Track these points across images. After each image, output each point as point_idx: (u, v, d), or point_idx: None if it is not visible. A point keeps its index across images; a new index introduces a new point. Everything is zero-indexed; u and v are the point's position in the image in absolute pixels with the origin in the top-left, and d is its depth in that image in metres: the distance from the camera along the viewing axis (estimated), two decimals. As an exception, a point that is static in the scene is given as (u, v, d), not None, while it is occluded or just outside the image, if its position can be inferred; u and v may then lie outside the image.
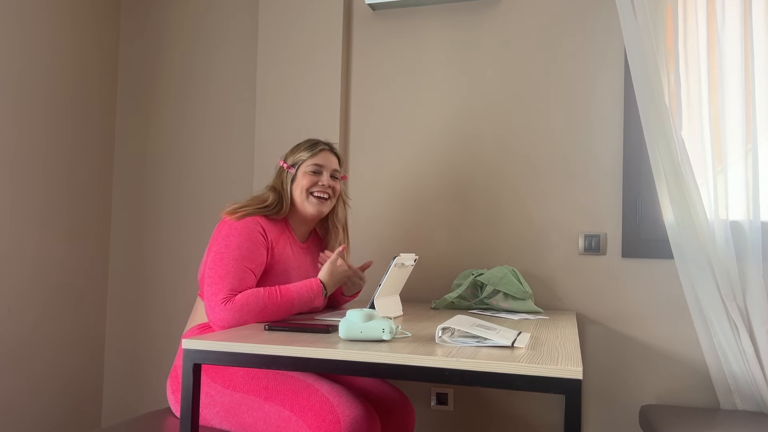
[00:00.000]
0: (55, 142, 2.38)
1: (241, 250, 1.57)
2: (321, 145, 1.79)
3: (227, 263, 1.54)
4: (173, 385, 1.61)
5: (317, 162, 1.75)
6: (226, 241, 1.58)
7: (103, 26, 2.61)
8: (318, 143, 1.79)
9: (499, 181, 2.20)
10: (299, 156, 1.77)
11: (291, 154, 1.79)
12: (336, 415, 1.38)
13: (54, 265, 2.39)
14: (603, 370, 2.06)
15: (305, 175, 1.74)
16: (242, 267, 1.55)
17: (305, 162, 1.75)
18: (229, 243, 1.57)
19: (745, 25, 1.88)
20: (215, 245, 1.59)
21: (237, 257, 1.55)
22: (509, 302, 1.91)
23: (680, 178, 1.86)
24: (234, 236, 1.58)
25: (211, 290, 1.53)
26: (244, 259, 1.56)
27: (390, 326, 1.22)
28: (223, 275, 1.53)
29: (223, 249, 1.57)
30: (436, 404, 2.18)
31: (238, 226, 1.60)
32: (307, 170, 1.74)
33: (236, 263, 1.55)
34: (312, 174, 1.74)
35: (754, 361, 1.80)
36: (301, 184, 1.73)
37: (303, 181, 1.73)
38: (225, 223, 1.63)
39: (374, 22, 2.36)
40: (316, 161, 1.75)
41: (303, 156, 1.76)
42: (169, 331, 2.58)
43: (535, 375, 1.01)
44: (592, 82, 2.13)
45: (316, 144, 1.79)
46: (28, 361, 2.28)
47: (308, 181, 1.73)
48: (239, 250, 1.57)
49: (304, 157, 1.76)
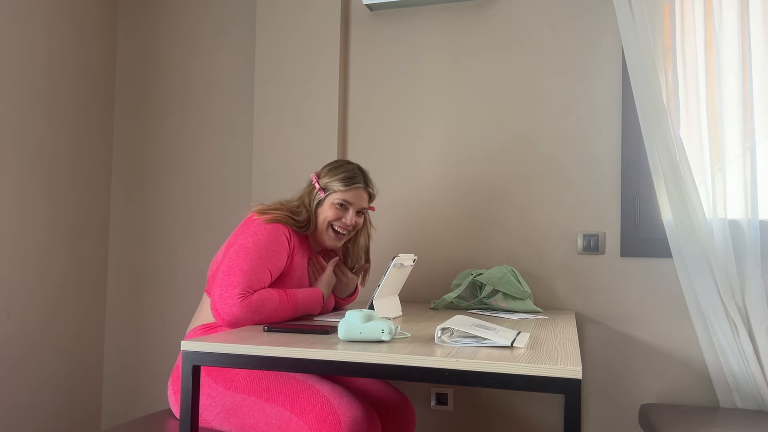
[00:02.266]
0: (53, 142, 2.38)
1: (266, 250, 1.57)
2: (357, 182, 1.73)
3: (251, 259, 1.54)
4: (174, 386, 1.61)
5: (347, 199, 1.71)
6: (254, 238, 1.58)
7: (101, 27, 2.61)
8: (355, 178, 1.73)
9: (497, 181, 2.20)
10: (333, 184, 1.72)
11: (326, 176, 1.74)
12: (336, 415, 1.39)
13: (52, 267, 2.39)
14: (602, 369, 2.06)
15: (332, 207, 1.71)
16: (263, 266, 1.56)
17: (336, 193, 1.71)
18: (256, 240, 1.57)
19: (743, 24, 1.88)
20: (241, 238, 1.59)
21: (261, 256, 1.56)
22: (508, 302, 1.91)
23: (678, 177, 1.86)
24: (262, 235, 1.59)
25: (227, 281, 1.51)
26: (266, 260, 1.57)
27: (389, 327, 1.22)
28: (245, 269, 1.53)
29: (250, 244, 1.57)
30: (436, 404, 2.18)
31: (267, 227, 1.61)
32: (335, 202, 1.71)
33: (259, 261, 1.55)
34: (338, 208, 1.71)
35: (753, 359, 1.81)
36: (325, 214, 1.71)
37: (328, 212, 1.71)
38: (253, 222, 1.63)
39: (372, 22, 2.36)
40: (347, 198, 1.71)
41: (336, 186, 1.71)
42: (168, 333, 2.58)
43: (534, 375, 1.02)
44: (590, 82, 2.13)
45: (353, 179, 1.73)
46: (27, 362, 2.28)
47: (333, 215, 1.71)
48: (264, 249, 1.57)
49: (336, 187, 1.71)
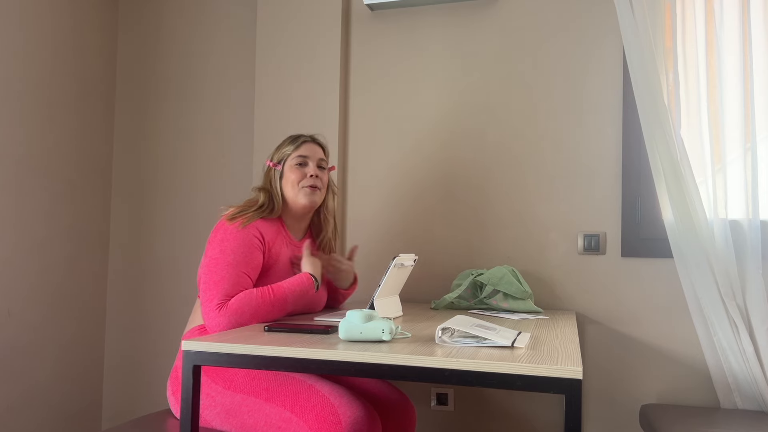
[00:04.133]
0: (54, 142, 2.38)
1: (235, 255, 1.56)
2: (303, 137, 1.78)
3: (222, 269, 1.54)
4: (173, 386, 1.61)
5: (301, 153, 1.75)
6: (221, 246, 1.58)
7: (101, 27, 2.61)
8: (300, 136, 1.79)
9: (498, 181, 2.20)
10: (283, 151, 1.77)
11: (276, 152, 1.79)
12: (337, 415, 1.38)
13: (53, 267, 2.39)
14: (603, 369, 2.06)
15: (292, 169, 1.73)
16: (237, 272, 1.55)
17: (290, 156, 1.75)
18: (224, 248, 1.57)
19: (744, 24, 1.88)
20: (210, 250, 1.59)
21: (231, 262, 1.55)
22: (509, 302, 1.91)
23: (679, 177, 1.86)
24: (229, 240, 1.58)
25: (206, 296, 1.53)
26: (239, 264, 1.56)
27: (390, 327, 1.22)
28: (217, 281, 1.53)
29: (218, 254, 1.56)
30: (437, 404, 2.18)
31: (234, 232, 1.59)
32: (293, 164, 1.74)
33: (231, 268, 1.55)
34: (298, 167, 1.74)
35: (754, 360, 1.81)
36: (290, 180, 1.73)
37: (291, 175, 1.73)
38: (220, 228, 1.62)
39: (372, 22, 2.36)
40: (301, 153, 1.75)
41: (287, 151, 1.76)
42: (168, 333, 2.58)
43: (535, 375, 1.01)
44: (591, 82, 2.12)
45: (298, 137, 1.79)
46: (27, 363, 2.28)
47: (296, 175, 1.73)
48: (234, 254, 1.56)
49: (288, 151, 1.76)
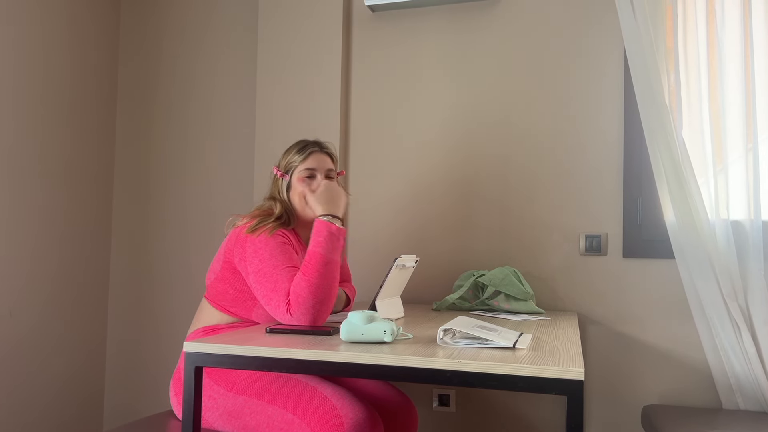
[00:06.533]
0: (55, 142, 2.38)
1: (274, 258, 1.51)
2: (311, 147, 1.71)
3: (269, 274, 1.49)
4: (176, 387, 1.61)
5: (309, 166, 1.68)
6: (258, 255, 1.52)
7: (102, 26, 2.62)
8: (307, 145, 1.72)
9: (499, 182, 2.20)
10: (290, 161, 1.70)
11: (283, 159, 1.73)
12: (339, 417, 1.39)
13: (55, 266, 2.39)
14: (605, 370, 2.06)
15: (300, 181, 1.68)
16: (285, 269, 1.50)
17: (297, 168, 1.69)
18: (261, 257, 1.52)
19: (745, 24, 1.88)
20: (249, 266, 1.53)
21: (276, 264, 1.50)
22: (510, 303, 1.91)
23: (681, 178, 1.86)
24: (263, 249, 1.53)
25: (271, 307, 1.47)
26: (283, 262, 1.51)
27: (391, 328, 1.22)
28: (271, 288, 1.48)
29: (258, 264, 1.51)
30: (438, 406, 2.18)
31: (262, 239, 1.54)
32: (301, 175, 1.68)
33: (277, 270, 1.50)
34: (307, 179, 1.68)
35: (756, 360, 1.80)
36: (297, 191, 1.68)
37: (299, 187, 1.67)
38: (246, 241, 1.56)
39: (374, 23, 2.36)
40: (308, 165, 1.69)
41: (294, 161, 1.70)
42: (171, 333, 2.58)
43: (536, 376, 1.01)
44: (592, 82, 2.12)
45: (306, 146, 1.71)
46: (29, 363, 2.29)
47: (304, 188, 1.67)
48: (272, 258, 1.51)
49: (295, 162, 1.69)
